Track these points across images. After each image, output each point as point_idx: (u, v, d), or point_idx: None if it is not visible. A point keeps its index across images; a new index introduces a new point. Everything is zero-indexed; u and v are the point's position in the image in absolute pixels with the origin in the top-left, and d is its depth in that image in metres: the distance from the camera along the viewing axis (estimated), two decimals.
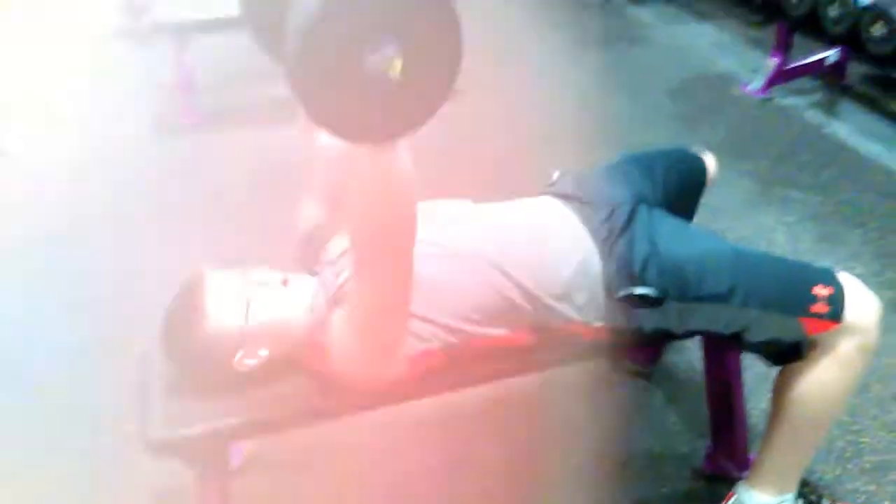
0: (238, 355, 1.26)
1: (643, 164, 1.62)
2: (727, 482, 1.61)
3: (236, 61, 3.94)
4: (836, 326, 1.30)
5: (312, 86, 0.82)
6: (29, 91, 3.69)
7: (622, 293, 1.32)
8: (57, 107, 3.51)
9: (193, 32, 3.25)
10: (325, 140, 1.39)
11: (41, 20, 4.64)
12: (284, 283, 1.33)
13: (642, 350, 1.93)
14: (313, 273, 1.40)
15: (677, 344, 1.97)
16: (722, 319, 1.33)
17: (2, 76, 3.86)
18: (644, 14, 4.39)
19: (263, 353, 1.28)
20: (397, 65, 0.82)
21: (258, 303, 1.27)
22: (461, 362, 1.32)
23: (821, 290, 1.31)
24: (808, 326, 1.31)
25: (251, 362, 1.28)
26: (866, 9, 2.71)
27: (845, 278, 1.35)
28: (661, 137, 3.06)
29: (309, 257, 1.45)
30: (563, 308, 1.32)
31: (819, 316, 1.30)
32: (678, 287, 1.32)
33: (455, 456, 1.75)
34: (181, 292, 1.30)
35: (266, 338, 1.27)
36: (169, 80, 3.64)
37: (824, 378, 1.35)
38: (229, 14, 3.24)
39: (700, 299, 1.32)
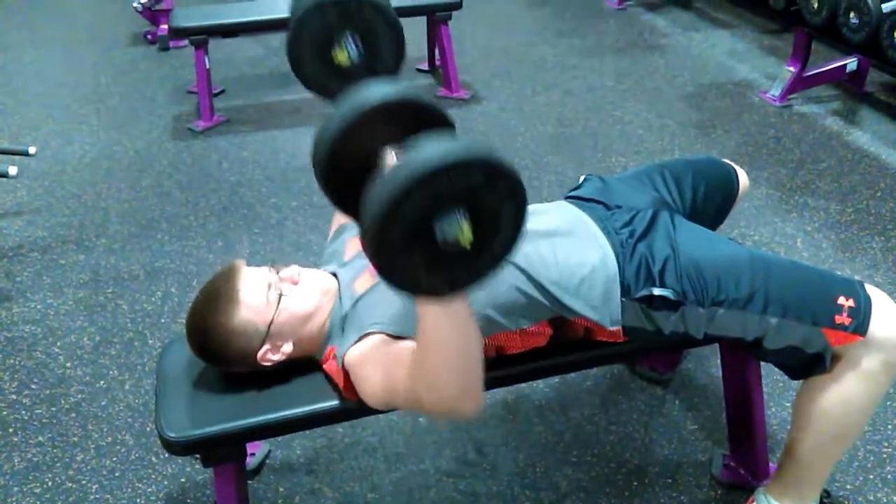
0: (263, 349, 1.27)
1: (673, 173, 1.60)
2: (745, 491, 1.60)
3: (253, 66, 3.99)
4: (860, 339, 1.27)
5: (387, 255, 0.87)
6: (50, 93, 3.73)
7: (641, 293, 1.32)
8: (77, 109, 3.55)
9: (212, 37, 3.27)
10: None
11: (63, 24, 4.70)
12: (312, 282, 1.33)
13: (660, 357, 1.92)
14: (334, 273, 1.41)
15: (695, 351, 1.96)
16: (740, 325, 1.32)
17: (24, 79, 3.90)
18: (660, 21, 4.38)
19: (287, 348, 1.29)
20: (467, 232, 0.85)
21: (288, 299, 1.28)
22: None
23: (845, 301, 1.28)
24: (831, 338, 1.28)
25: (275, 357, 1.29)
26: (887, 16, 2.69)
27: (872, 291, 1.32)
28: (677, 145, 3.05)
29: (337, 254, 1.45)
30: (580, 306, 1.31)
31: (843, 328, 1.27)
32: (697, 291, 1.31)
33: (469, 458, 1.74)
34: (216, 280, 1.30)
35: (291, 334, 1.28)
36: (188, 83, 3.68)
37: (848, 393, 1.32)
38: (247, 20, 3.29)
39: (718, 304, 1.31)
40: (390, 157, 0.95)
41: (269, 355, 1.28)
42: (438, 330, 1.03)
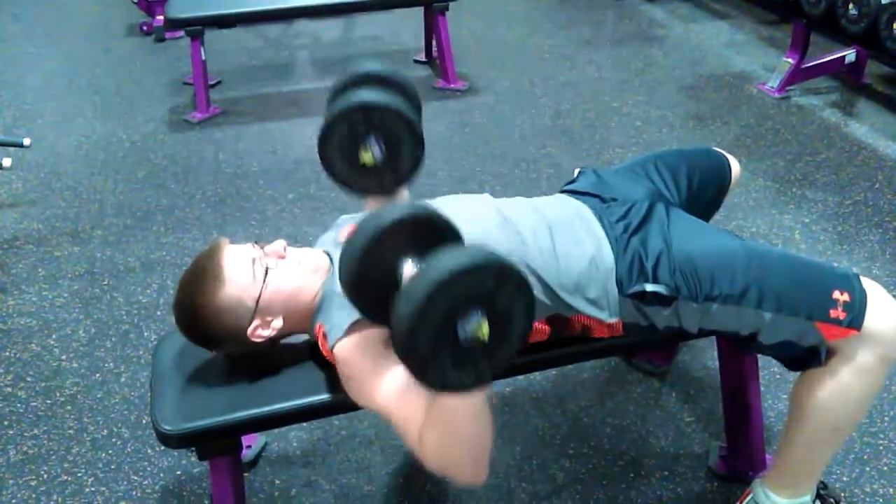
0: (253, 324, 1.26)
1: (667, 163, 1.60)
2: (742, 483, 1.60)
3: (249, 57, 3.97)
4: (856, 334, 1.27)
5: (418, 358, 0.97)
6: (45, 85, 3.71)
7: (633, 289, 1.31)
8: (72, 101, 3.53)
9: (208, 28, 3.25)
10: None
11: (59, 15, 4.67)
12: (300, 258, 1.33)
13: (656, 349, 1.92)
14: (327, 253, 1.40)
15: (692, 343, 1.96)
16: (734, 320, 1.31)
17: (18, 70, 3.88)
18: (658, 12, 4.36)
19: (277, 323, 1.28)
20: (485, 329, 0.96)
21: (275, 273, 1.27)
22: None
23: (840, 296, 1.27)
24: (825, 332, 1.27)
25: (265, 333, 1.28)
26: (885, 7, 2.68)
27: (868, 284, 1.31)
28: (675, 136, 3.04)
29: (331, 238, 1.45)
30: (576, 302, 1.31)
31: (838, 322, 1.26)
32: (690, 286, 1.30)
33: None
34: (200, 259, 1.29)
35: (280, 309, 1.28)
36: (184, 75, 3.66)
37: (844, 387, 1.31)
38: (243, 10, 3.27)
39: (712, 299, 1.30)
40: (408, 268, 1.07)
41: (260, 331, 1.27)
42: (455, 413, 1.08)
